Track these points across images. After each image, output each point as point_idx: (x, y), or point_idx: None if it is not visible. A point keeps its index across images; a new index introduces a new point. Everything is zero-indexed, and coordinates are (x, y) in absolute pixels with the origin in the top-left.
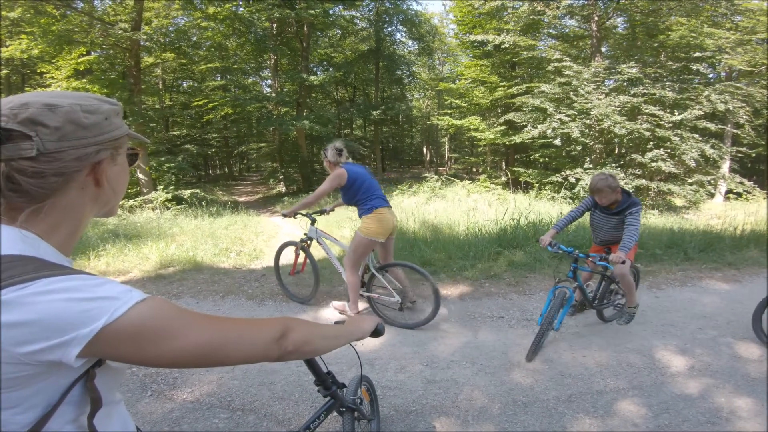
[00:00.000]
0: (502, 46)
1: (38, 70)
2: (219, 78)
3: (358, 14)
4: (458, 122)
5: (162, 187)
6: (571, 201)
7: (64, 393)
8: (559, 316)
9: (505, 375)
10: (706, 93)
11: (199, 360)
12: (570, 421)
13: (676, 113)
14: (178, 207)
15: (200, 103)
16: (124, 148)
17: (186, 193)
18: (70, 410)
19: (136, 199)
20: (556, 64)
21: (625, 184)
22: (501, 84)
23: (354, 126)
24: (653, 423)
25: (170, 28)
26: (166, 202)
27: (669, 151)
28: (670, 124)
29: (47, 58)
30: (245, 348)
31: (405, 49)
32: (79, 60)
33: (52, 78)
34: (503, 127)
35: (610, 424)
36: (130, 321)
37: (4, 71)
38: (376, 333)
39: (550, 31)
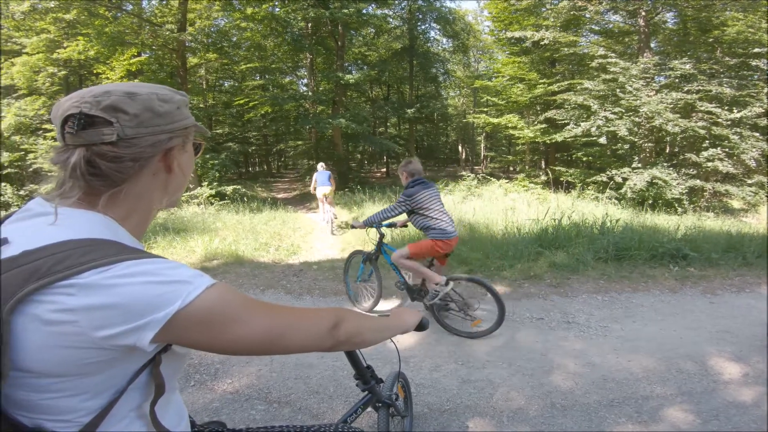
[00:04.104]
0: (541, 43)
1: (94, 71)
2: (258, 78)
3: (390, 13)
4: (495, 120)
5: (206, 183)
6: (617, 202)
7: (131, 379)
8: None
9: (543, 377)
10: (767, 90)
11: (259, 347)
12: (611, 426)
13: (735, 110)
14: (221, 202)
15: (241, 102)
16: (191, 137)
17: (228, 189)
18: (135, 396)
19: (184, 194)
20: (600, 61)
21: (677, 184)
22: (541, 81)
23: (388, 124)
24: (701, 429)
25: (212, 29)
26: (210, 198)
27: (727, 150)
28: (728, 122)
29: (102, 59)
30: (302, 336)
31: (439, 47)
32: (131, 61)
33: (107, 78)
34: (543, 125)
35: (654, 430)
36: (201, 305)
37: (62, 72)
38: (421, 327)
39: (593, 26)
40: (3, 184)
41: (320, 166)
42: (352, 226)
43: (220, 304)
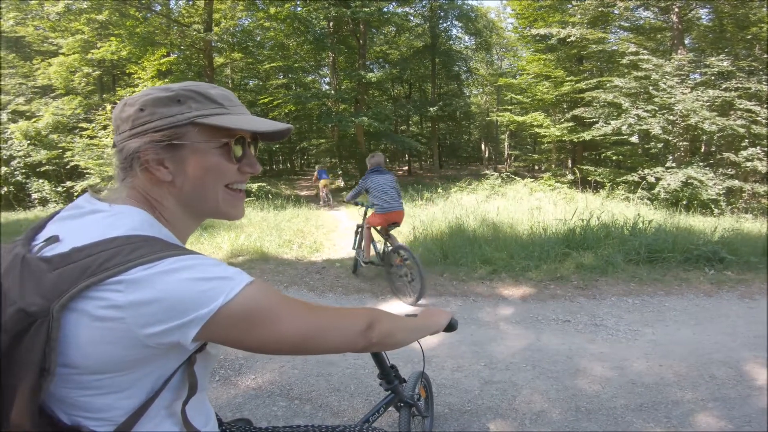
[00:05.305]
0: (568, 40)
1: (127, 71)
2: (281, 76)
3: (412, 11)
4: (520, 118)
5: None
6: (649, 202)
7: (168, 378)
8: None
9: (568, 380)
10: None
11: (295, 346)
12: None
13: None
14: (246, 200)
15: (265, 100)
16: (187, 138)
17: (254, 186)
18: (168, 396)
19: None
20: (631, 58)
21: (714, 184)
22: (567, 79)
23: (411, 122)
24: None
25: (237, 29)
26: None
27: (767, 149)
28: None
29: (134, 59)
30: (337, 336)
31: (461, 45)
32: (161, 61)
33: (139, 78)
34: (570, 124)
35: None
36: (242, 302)
37: (96, 72)
38: (450, 327)
39: (622, 23)
40: (41, 180)
41: (318, 166)
42: (346, 200)
43: (260, 301)
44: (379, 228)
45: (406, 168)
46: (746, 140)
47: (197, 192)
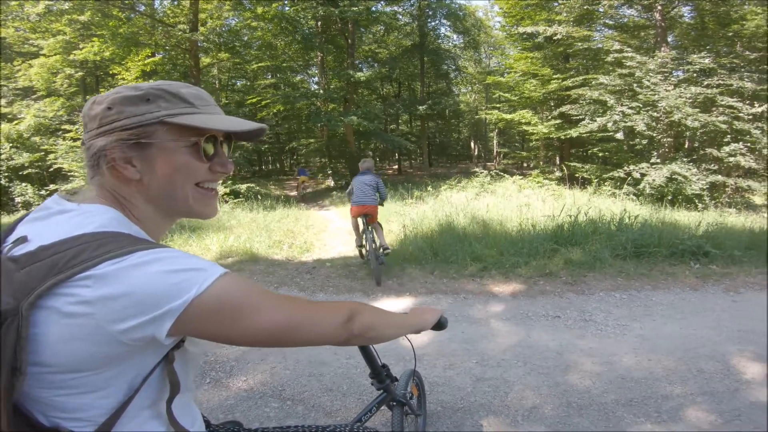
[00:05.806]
0: (554, 38)
1: (110, 72)
2: (270, 76)
3: (400, 9)
4: (508, 116)
5: (221, 181)
6: (635, 198)
7: (146, 376)
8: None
9: (559, 376)
10: None
11: (274, 338)
12: (629, 425)
13: (757, 105)
14: (235, 200)
15: (254, 101)
16: (156, 137)
17: (243, 187)
18: (149, 395)
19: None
20: (616, 55)
21: (698, 179)
22: (554, 77)
23: (400, 121)
24: (723, 429)
25: (223, 29)
26: (224, 196)
27: (749, 145)
28: (750, 117)
29: (117, 60)
30: (317, 329)
31: (450, 44)
32: (146, 61)
33: (123, 79)
34: (557, 121)
35: (674, 429)
36: (216, 293)
37: (79, 73)
38: (439, 326)
39: (607, 21)
40: (24, 184)
41: (299, 166)
42: (347, 197)
43: (236, 292)
44: (361, 219)
45: (396, 167)
46: (728, 136)
47: (166, 190)
